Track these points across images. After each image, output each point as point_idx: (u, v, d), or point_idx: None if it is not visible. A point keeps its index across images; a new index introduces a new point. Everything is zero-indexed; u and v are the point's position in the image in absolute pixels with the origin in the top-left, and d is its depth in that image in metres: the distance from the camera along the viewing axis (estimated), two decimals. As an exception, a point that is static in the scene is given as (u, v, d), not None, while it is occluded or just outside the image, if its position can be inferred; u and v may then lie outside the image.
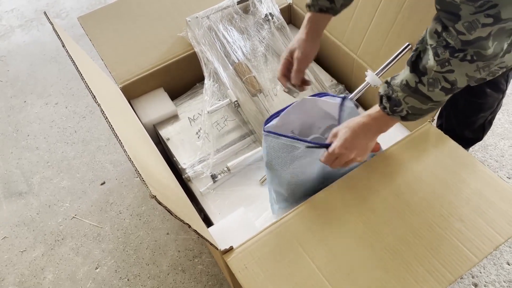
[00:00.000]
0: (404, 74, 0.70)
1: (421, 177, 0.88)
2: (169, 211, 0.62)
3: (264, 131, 0.85)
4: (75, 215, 1.29)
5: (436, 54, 0.65)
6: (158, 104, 1.16)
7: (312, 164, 0.86)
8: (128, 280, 1.15)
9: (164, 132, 1.14)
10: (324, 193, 0.87)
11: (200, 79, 1.22)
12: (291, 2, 1.28)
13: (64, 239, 1.24)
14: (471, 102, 1.05)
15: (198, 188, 1.04)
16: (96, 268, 1.18)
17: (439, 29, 0.64)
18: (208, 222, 1.02)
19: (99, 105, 0.69)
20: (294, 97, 0.93)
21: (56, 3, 2.03)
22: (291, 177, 0.88)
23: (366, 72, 0.93)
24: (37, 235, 1.26)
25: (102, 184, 1.35)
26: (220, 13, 1.19)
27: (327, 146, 0.79)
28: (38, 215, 1.30)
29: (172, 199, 0.75)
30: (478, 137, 1.16)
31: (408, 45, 0.91)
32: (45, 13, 0.84)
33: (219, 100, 1.11)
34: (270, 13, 1.18)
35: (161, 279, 1.14)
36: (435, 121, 1.05)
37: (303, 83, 0.90)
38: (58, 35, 0.80)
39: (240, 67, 1.12)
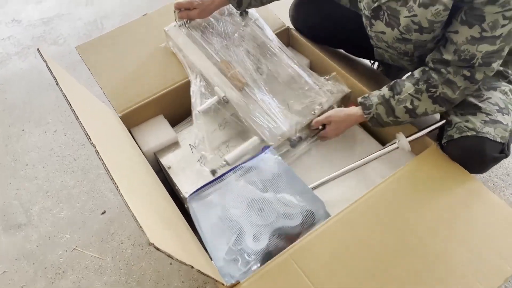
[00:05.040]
0: (383, 89, 0.97)
1: (428, 203, 0.86)
2: (169, 255, 0.59)
3: (188, 197, 0.97)
4: (76, 247, 1.26)
5: (416, 83, 0.92)
6: (158, 132, 1.14)
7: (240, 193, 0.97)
8: (131, 313, 1.12)
9: (165, 160, 1.12)
10: (329, 223, 0.85)
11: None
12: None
13: (65, 272, 1.21)
14: None
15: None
16: (98, 302, 1.15)
17: (429, 65, 0.92)
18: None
19: (94, 146, 0.67)
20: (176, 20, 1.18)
21: (52, 29, 2.02)
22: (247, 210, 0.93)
23: (397, 134, 0.99)
24: (37, 268, 1.22)
25: (102, 213, 1.32)
26: (200, 21, 1.21)
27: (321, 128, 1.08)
28: (38, 248, 1.27)
29: (173, 238, 0.73)
30: None
31: (445, 120, 0.96)
32: (38, 50, 0.83)
33: (208, 99, 1.11)
34: (245, 11, 1.22)
35: (165, 312, 1.11)
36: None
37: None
38: (51, 72, 0.79)
39: (224, 64, 1.13)
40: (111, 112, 1.10)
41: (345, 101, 1.13)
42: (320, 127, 1.06)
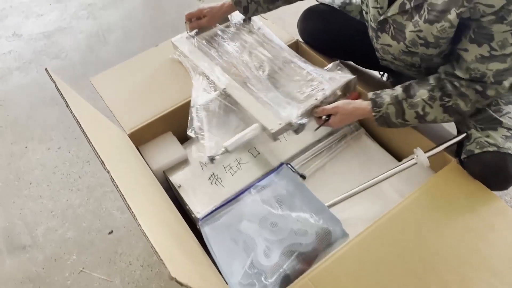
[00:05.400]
0: (396, 89, 0.94)
1: (450, 224, 0.83)
2: (192, 290, 0.56)
3: (200, 221, 0.96)
4: (83, 269, 1.22)
5: (431, 90, 0.89)
6: (167, 149, 1.11)
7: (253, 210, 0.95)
8: (142, 338, 1.08)
9: (174, 179, 1.08)
10: (349, 246, 0.82)
11: (209, 120, 1.19)
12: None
13: (72, 296, 1.17)
14: None
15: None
16: (108, 327, 1.11)
17: (442, 76, 0.90)
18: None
19: (108, 172, 0.64)
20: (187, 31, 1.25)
21: (54, 43, 2.00)
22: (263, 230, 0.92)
23: (415, 150, 0.95)
24: (43, 292, 1.19)
25: (110, 233, 1.29)
26: (207, 32, 1.24)
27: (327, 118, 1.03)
28: (43, 270, 1.23)
29: (191, 267, 0.70)
30: None
31: (465, 134, 0.94)
32: (46, 70, 0.80)
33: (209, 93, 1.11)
34: (249, 19, 1.27)
35: (177, 336, 1.07)
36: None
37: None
38: (61, 93, 0.76)
39: (227, 64, 1.14)
40: (119, 130, 1.07)
41: (349, 87, 1.10)
42: (325, 117, 1.03)
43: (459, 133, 0.97)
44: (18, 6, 2.27)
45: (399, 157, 1.09)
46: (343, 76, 1.08)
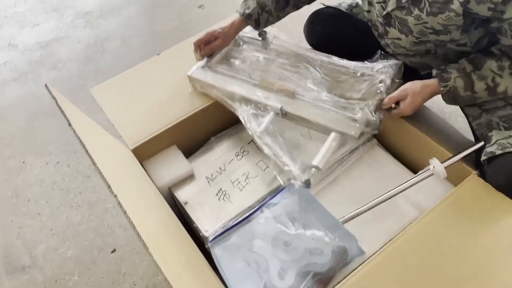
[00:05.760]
0: (461, 62, 0.90)
1: (475, 238, 0.79)
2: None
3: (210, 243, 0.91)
4: (85, 290, 1.17)
5: (499, 60, 0.85)
6: (172, 164, 1.07)
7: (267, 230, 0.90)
8: None
9: (180, 195, 1.04)
10: (369, 266, 0.78)
11: (215, 133, 1.14)
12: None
13: (74, 319, 1.12)
14: None
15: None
16: None
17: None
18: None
19: (115, 196, 0.60)
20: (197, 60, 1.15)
21: (51, 54, 1.95)
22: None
23: (431, 160, 0.91)
24: (44, 316, 1.14)
25: (112, 251, 1.24)
26: (219, 55, 1.15)
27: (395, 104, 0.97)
28: (44, 292, 1.18)
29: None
30: None
31: (482, 143, 0.91)
32: (46, 85, 0.76)
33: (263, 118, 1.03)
34: (264, 31, 1.18)
35: None
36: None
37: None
38: (62, 111, 0.73)
39: (265, 82, 1.06)
40: (122, 146, 1.02)
41: (401, 73, 1.07)
42: (393, 105, 0.97)
43: (476, 140, 0.94)
44: (13, 16, 2.22)
45: (413, 168, 1.05)
46: (393, 63, 1.05)
